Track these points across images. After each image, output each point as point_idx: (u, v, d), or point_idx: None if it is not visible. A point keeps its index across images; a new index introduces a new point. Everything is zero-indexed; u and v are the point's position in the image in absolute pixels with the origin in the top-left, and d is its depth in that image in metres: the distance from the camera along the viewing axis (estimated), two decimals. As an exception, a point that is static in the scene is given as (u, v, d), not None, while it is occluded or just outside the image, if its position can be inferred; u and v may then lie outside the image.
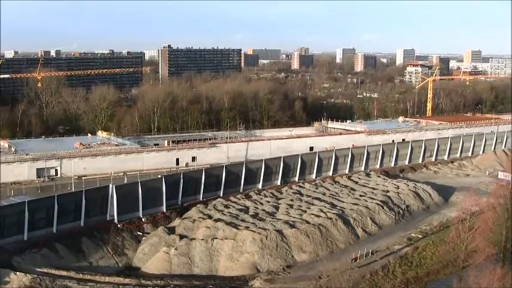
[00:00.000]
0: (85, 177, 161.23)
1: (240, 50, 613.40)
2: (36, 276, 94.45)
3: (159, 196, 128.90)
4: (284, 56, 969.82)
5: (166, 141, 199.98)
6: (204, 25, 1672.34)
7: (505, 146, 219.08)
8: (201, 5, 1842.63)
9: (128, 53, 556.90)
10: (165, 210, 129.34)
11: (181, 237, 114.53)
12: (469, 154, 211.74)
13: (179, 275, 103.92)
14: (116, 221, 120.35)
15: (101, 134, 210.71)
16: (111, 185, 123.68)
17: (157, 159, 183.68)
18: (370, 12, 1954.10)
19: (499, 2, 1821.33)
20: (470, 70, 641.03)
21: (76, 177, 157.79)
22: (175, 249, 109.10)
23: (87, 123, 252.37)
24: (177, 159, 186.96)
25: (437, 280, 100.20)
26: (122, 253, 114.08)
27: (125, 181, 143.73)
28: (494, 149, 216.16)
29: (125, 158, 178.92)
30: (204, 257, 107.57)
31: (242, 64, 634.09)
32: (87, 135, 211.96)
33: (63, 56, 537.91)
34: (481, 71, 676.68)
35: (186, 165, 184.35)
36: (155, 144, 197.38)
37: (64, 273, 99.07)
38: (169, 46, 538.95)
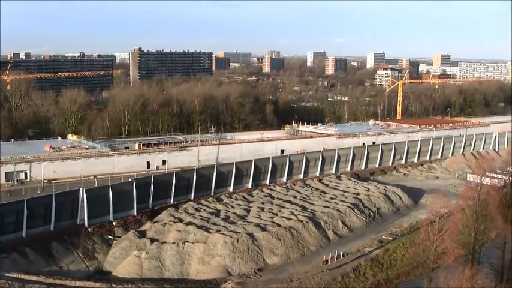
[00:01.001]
0: (55, 181, 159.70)
1: (211, 53, 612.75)
2: (5, 281, 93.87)
3: (129, 200, 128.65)
4: (255, 59, 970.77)
5: (137, 145, 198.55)
6: (175, 28, 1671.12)
7: (473, 149, 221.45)
8: (171, 7, 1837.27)
9: (99, 55, 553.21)
10: (135, 214, 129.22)
11: (152, 240, 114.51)
12: (439, 157, 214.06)
13: (150, 279, 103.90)
14: (86, 224, 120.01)
15: (71, 137, 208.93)
16: (81, 189, 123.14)
17: (127, 162, 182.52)
18: (340, 16, 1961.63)
19: (467, 5, 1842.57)
20: (439, 74, 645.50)
21: (46, 180, 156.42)
22: (146, 252, 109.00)
23: (57, 126, 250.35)
24: (148, 163, 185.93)
25: (407, 281, 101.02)
26: (92, 257, 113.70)
27: (95, 185, 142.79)
28: (463, 151, 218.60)
29: (95, 161, 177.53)
30: (175, 261, 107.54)
31: (213, 67, 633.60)
32: (57, 138, 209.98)
33: (33, 58, 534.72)
34: (450, 74, 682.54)
35: (157, 168, 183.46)
36: (126, 148, 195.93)
37: (34, 278, 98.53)
38: (140, 49, 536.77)
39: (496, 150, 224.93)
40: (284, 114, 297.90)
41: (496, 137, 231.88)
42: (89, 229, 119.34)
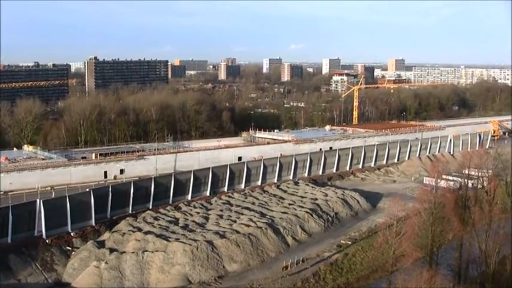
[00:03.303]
0: (11, 193, 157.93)
1: (167, 61, 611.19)
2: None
3: (87, 210, 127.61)
4: (211, 66, 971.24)
5: (93, 154, 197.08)
6: (131, 37, 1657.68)
7: (429, 152, 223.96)
8: (125, 16, 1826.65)
9: (54, 65, 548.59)
10: (94, 224, 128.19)
11: (112, 250, 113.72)
12: (395, 161, 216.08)
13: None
14: (44, 236, 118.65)
15: (27, 148, 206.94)
16: (38, 200, 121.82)
17: (85, 172, 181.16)
18: (295, 23, 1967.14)
19: (418, 11, 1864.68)
20: (394, 78, 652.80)
21: (2, 192, 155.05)
22: (106, 263, 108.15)
23: (12, 137, 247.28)
24: (105, 172, 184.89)
25: (367, 285, 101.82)
26: (51, 269, 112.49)
27: (53, 195, 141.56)
28: (419, 155, 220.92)
29: (52, 172, 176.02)
30: (135, 270, 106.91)
31: (169, 75, 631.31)
32: (13, 149, 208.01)
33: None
34: (405, 79, 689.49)
35: (115, 177, 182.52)
36: (83, 158, 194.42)
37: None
38: (95, 58, 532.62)
39: (451, 153, 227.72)
40: (241, 121, 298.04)
41: (451, 140, 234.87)
42: (47, 240, 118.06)
